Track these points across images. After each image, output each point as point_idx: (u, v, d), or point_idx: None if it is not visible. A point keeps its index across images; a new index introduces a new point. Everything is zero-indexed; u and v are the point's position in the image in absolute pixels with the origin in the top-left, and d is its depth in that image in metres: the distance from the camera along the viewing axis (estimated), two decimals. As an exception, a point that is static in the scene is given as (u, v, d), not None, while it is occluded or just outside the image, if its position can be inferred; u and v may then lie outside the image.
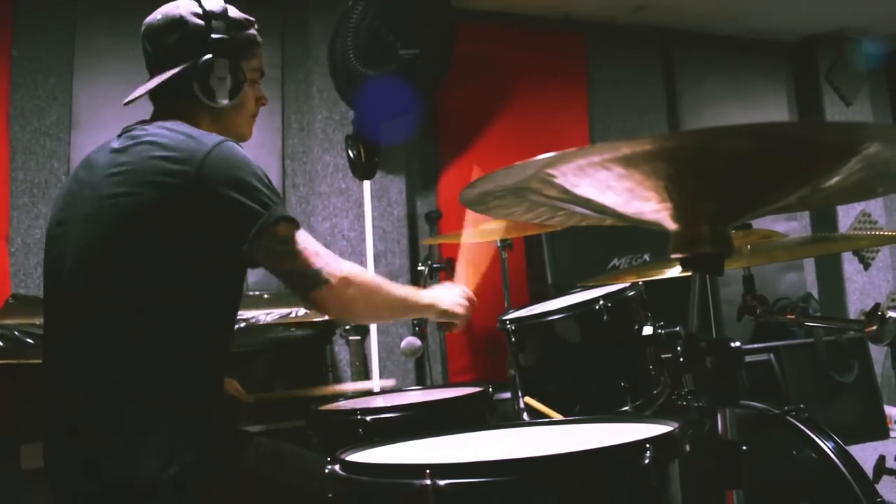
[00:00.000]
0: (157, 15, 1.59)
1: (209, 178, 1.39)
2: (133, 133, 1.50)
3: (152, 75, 1.60)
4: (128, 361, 1.38)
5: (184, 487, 1.33)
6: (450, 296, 1.74)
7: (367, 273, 1.60)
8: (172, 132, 1.47)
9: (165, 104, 1.60)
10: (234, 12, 1.62)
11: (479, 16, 4.04)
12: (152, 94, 1.62)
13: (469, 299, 1.78)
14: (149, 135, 1.47)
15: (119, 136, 1.53)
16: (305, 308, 1.48)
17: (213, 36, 1.56)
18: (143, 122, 1.56)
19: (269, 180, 1.48)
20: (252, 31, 1.65)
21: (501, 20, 4.16)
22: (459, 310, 1.73)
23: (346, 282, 1.47)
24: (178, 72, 1.54)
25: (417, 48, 3.29)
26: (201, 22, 1.56)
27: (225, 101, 1.58)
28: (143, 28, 1.60)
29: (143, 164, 1.42)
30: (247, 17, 1.65)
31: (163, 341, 1.40)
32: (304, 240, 1.47)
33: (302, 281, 1.46)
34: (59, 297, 1.48)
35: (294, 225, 1.47)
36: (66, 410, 1.42)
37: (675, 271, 1.86)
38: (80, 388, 1.40)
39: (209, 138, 1.46)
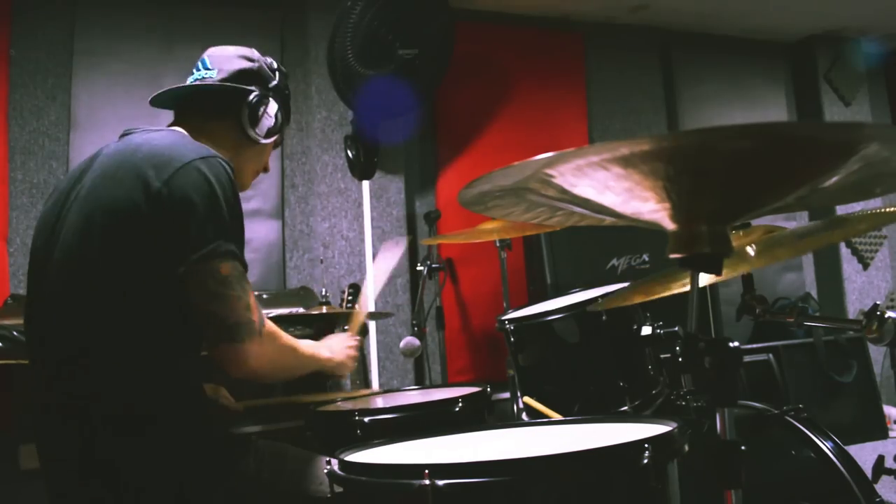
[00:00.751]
0: (229, 47, 1.67)
1: (172, 190, 1.34)
2: (130, 136, 1.49)
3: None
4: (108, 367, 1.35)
5: (183, 497, 1.33)
6: (340, 346, 1.76)
7: (283, 333, 1.52)
8: (164, 138, 1.45)
9: (189, 115, 1.60)
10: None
11: (478, 16, 4.04)
12: (180, 104, 1.62)
13: (355, 347, 1.81)
14: (142, 139, 1.45)
15: (119, 139, 1.53)
16: (212, 358, 1.40)
17: (274, 83, 1.67)
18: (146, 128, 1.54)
19: (238, 211, 1.42)
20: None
21: (500, 20, 4.16)
22: (350, 362, 1.77)
23: (271, 338, 1.44)
24: (235, 88, 1.58)
25: (416, 48, 3.28)
26: (268, 70, 1.67)
27: (261, 138, 1.63)
28: (206, 51, 1.66)
29: (125, 168, 1.39)
30: None
31: (130, 347, 1.35)
32: (243, 288, 1.38)
33: (221, 329, 1.36)
34: (43, 291, 1.45)
35: (239, 266, 1.39)
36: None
37: (682, 287, 1.85)
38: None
39: (196, 150, 1.42)
